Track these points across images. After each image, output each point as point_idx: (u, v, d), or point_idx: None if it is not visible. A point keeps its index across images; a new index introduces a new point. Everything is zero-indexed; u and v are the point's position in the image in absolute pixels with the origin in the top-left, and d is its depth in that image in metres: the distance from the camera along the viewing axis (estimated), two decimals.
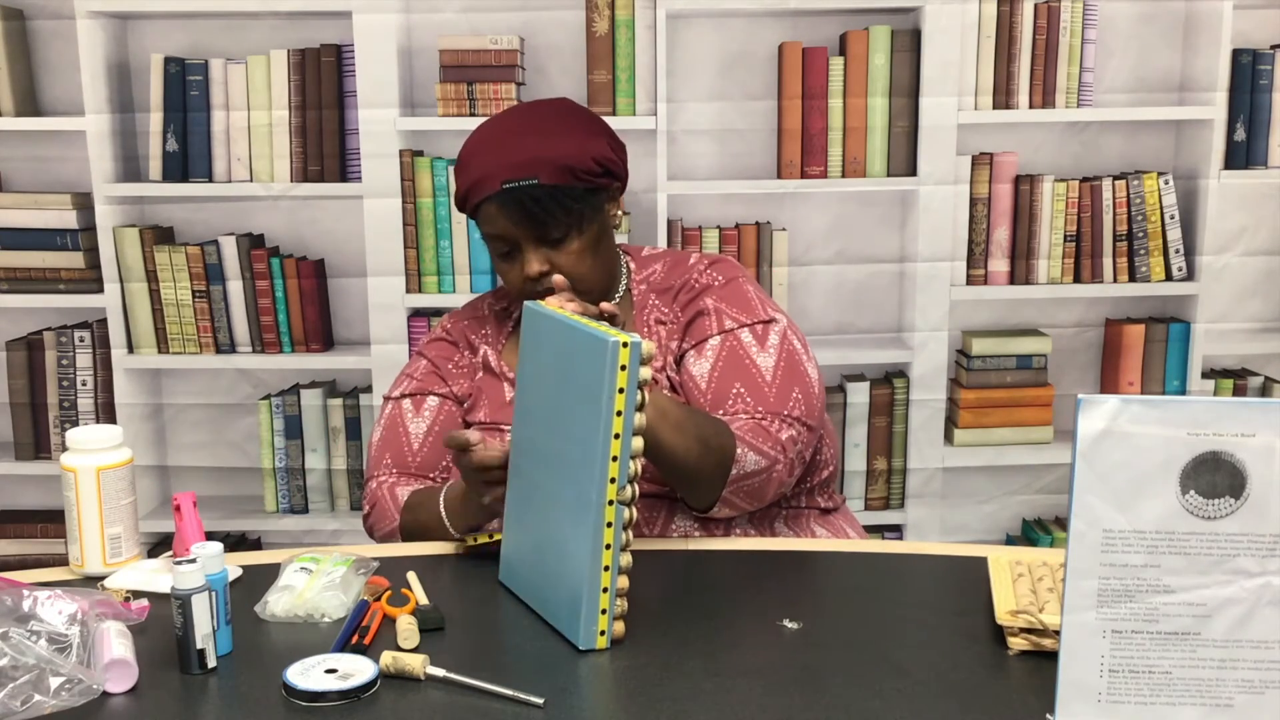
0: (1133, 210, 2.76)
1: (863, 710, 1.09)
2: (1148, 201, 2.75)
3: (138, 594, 1.35)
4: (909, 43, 2.68)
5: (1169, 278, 2.78)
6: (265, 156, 2.72)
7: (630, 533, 1.22)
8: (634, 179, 1.80)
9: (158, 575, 1.39)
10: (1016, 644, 1.19)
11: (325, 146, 2.71)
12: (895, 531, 2.86)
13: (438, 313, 2.75)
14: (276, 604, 1.31)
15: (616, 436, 1.19)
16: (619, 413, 1.19)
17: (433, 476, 1.67)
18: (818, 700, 1.11)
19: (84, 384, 2.81)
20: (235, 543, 2.84)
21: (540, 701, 1.09)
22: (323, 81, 2.70)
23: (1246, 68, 2.71)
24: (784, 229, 2.83)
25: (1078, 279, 2.79)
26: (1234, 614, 0.99)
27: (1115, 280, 2.78)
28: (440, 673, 1.14)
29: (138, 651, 1.17)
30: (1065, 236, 2.77)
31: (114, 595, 1.30)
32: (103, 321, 2.77)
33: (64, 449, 1.44)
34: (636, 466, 1.21)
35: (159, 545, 2.59)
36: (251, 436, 2.90)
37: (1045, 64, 2.70)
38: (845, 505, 1.82)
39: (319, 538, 2.78)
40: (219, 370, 2.84)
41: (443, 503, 1.54)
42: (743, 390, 1.59)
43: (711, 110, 2.81)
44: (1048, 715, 1.04)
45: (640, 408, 1.20)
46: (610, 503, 1.19)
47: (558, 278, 1.55)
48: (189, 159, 2.73)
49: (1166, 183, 2.76)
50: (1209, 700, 1.00)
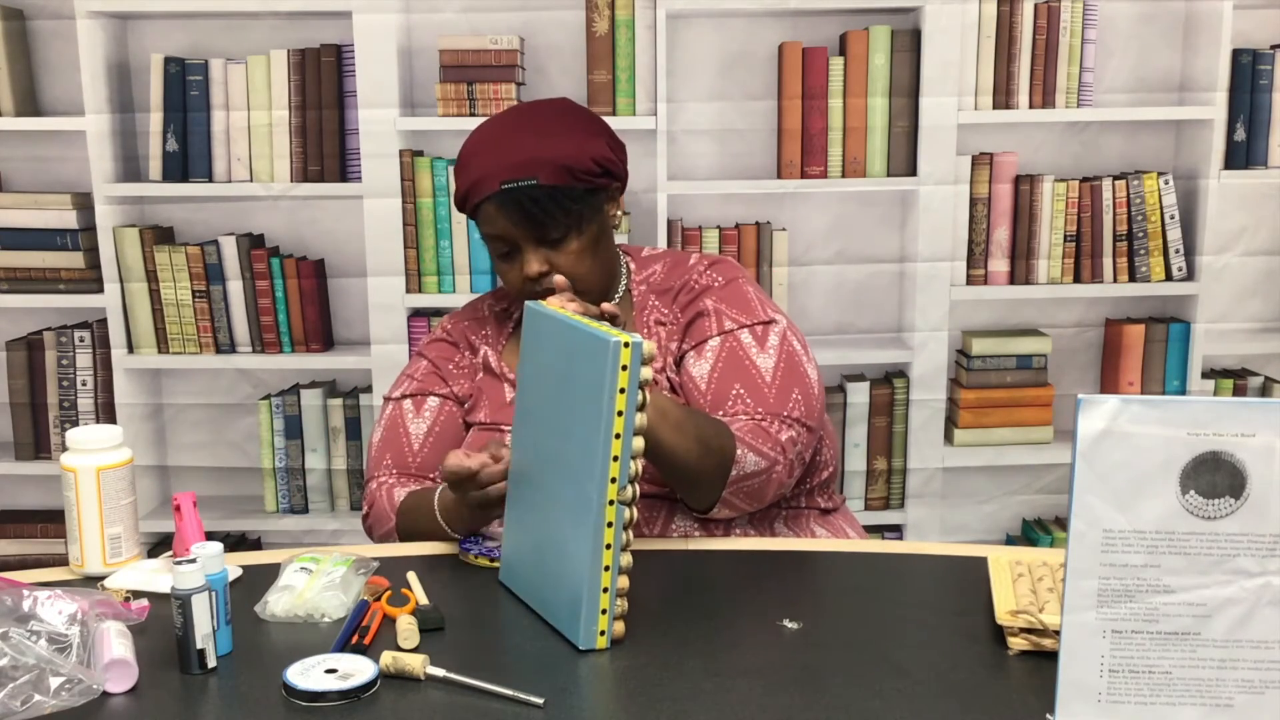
0: (1133, 210, 2.76)
1: (863, 710, 1.09)
2: (1148, 201, 2.75)
3: (138, 594, 1.35)
4: (909, 43, 2.68)
5: (1169, 278, 2.78)
6: (265, 156, 2.72)
7: (631, 533, 1.22)
8: (634, 179, 1.80)
9: (158, 575, 1.39)
10: (1016, 644, 1.19)
11: (325, 146, 2.71)
12: (895, 531, 2.86)
13: (438, 313, 2.75)
14: (276, 604, 1.31)
15: (617, 436, 1.19)
16: (620, 413, 1.19)
17: (433, 477, 1.66)
18: (818, 700, 1.11)
19: (84, 384, 2.81)
20: (235, 543, 2.84)
21: (540, 701, 1.10)
22: (323, 81, 2.70)
23: (1246, 68, 2.71)
24: (784, 229, 2.83)
25: (1078, 279, 2.79)
26: (1234, 614, 0.99)
27: (1115, 280, 2.78)
28: (440, 673, 1.14)
29: (138, 651, 1.17)
30: (1065, 236, 2.77)
31: (114, 595, 1.30)
32: (103, 321, 2.77)
33: (64, 449, 1.44)
34: (637, 466, 1.21)
35: (159, 545, 2.59)
36: (251, 436, 2.90)
37: (1045, 64, 2.70)
38: (845, 505, 1.82)
39: (319, 538, 2.77)
40: (219, 370, 2.84)
41: (439, 510, 1.52)
42: (742, 391, 1.59)
43: (711, 110, 2.81)
44: (1048, 715, 1.04)
45: (641, 408, 1.20)
46: (611, 502, 1.19)
47: (558, 278, 1.55)
48: (189, 159, 2.73)
49: (1166, 183, 2.76)
50: (1209, 700, 1.00)
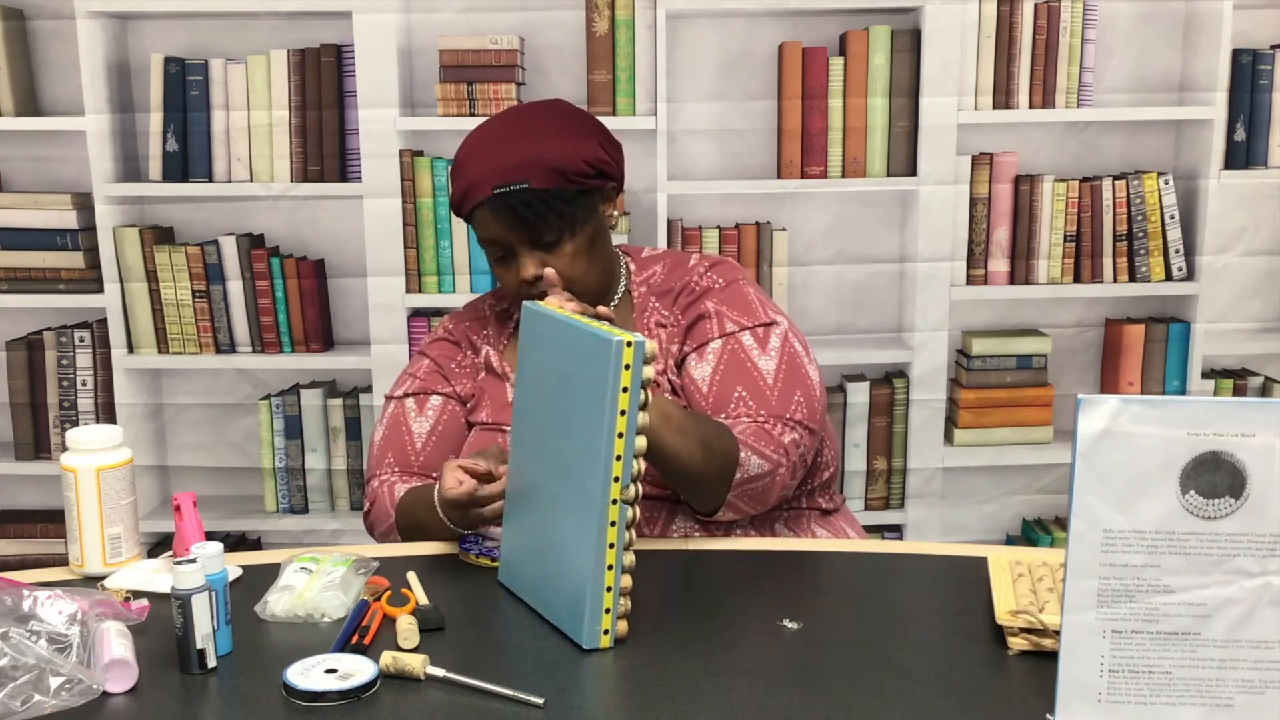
0: (1133, 210, 2.76)
1: (863, 710, 1.09)
2: (1148, 201, 2.75)
3: (138, 594, 1.35)
4: (909, 43, 2.68)
5: (1169, 278, 2.78)
6: (265, 156, 2.72)
7: (633, 532, 1.22)
8: (634, 179, 1.80)
9: (158, 575, 1.39)
10: (1016, 644, 1.19)
11: (325, 146, 2.71)
12: (895, 531, 2.86)
13: (438, 313, 2.75)
14: (276, 604, 1.31)
15: (620, 435, 1.19)
16: (623, 412, 1.19)
17: (434, 476, 1.66)
18: (818, 700, 1.11)
19: (84, 384, 2.81)
20: (235, 543, 2.84)
21: (540, 701, 1.10)
22: (323, 81, 2.70)
23: (1246, 68, 2.71)
24: (784, 229, 2.83)
25: (1078, 279, 2.79)
26: (1234, 614, 0.99)
27: (1115, 280, 2.78)
28: (440, 673, 1.14)
29: (138, 651, 1.17)
30: (1065, 236, 2.76)
31: (114, 595, 1.30)
32: (103, 321, 2.77)
33: (64, 449, 1.44)
34: (640, 465, 1.21)
35: (159, 545, 2.59)
36: (251, 436, 2.90)
37: (1045, 64, 2.70)
38: (845, 506, 1.82)
39: (319, 538, 2.77)
40: (219, 370, 2.84)
41: (439, 504, 1.52)
42: (744, 393, 1.59)
43: (711, 110, 2.81)
44: (1048, 715, 1.04)
45: (643, 406, 1.20)
46: (614, 501, 1.19)
47: (549, 271, 1.55)
48: (189, 159, 2.73)
49: (1166, 183, 2.76)
50: (1209, 700, 1.00)
